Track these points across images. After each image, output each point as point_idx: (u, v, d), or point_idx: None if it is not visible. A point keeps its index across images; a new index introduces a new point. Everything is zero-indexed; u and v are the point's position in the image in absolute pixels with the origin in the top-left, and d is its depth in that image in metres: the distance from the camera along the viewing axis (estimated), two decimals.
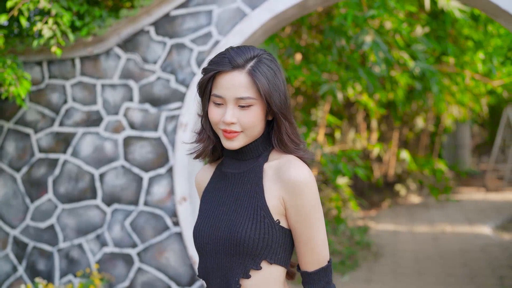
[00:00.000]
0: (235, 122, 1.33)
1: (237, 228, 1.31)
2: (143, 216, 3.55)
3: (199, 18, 3.44)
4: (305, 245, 1.34)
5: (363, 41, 4.36)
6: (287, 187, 1.32)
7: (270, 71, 1.35)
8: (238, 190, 1.37)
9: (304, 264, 1.35)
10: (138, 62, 3.57)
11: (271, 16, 3.26)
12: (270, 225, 1.32)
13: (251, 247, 1.30)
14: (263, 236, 1.31)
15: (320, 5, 3.41)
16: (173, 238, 3.48)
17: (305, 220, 1.32)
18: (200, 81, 1.40)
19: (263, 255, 1.32)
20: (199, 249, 1.39)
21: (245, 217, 1.32)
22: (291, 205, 1.32)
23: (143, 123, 3.56)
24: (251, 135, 1.37)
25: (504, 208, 9.25)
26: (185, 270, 3.46)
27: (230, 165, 1.42)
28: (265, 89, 1.32)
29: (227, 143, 1.36)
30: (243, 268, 1.32)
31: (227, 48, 1.39)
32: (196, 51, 3.44)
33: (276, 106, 1.34)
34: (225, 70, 1.33)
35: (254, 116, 1.34)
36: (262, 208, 1.32)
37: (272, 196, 1.34)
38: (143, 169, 3.55)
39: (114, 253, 3.60)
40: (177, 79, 3.48)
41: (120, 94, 3.61)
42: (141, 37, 3.57)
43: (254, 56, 1.35)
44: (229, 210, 1.36)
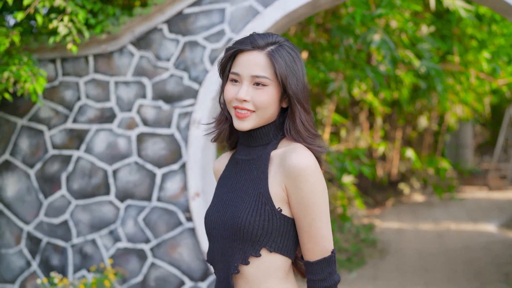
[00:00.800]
0: (248, 100, 1.34)
1: (238, 214, 1.33)
2: (156, 212, 3.60)
3: (212, 16, 3.49)
4: (306, 233, 1.32)
5: (372, 39, 4.40)
6: (288, 172, 1.31)
7: (289, 56, 1.36)
8: (245, 176, 1.39)
9: (305, 253, 1.33)
10: (151, 60, 3.62)
11: (283, 14, 3.30)
12: (271, 212, 1.32)
13: (250, 233, 1.30)
14: (262, 223, 1.31)
15: (331, 3, 3.46)
16: (186, 234, 3.52)
17: (305, 207, 1.31)
18: (220, 60, 1.43)
19: (263, 242, 1.31)
20: (208, 234, 1.42)
21: (247, 203, 1.33)
22: (292, 191, 1.31)
23: (156, 119, 3.61)
24: (263, 117, 1.37)
25: (507, 206, 9.29)
26: (198, 265, 3.50)
27: (242, 151, 1.44)
28: (281, 71, 1.34)
29: (238, 123, 1.37)
30: (243, 254, 1.32)
31: (252, 32, 1.42)
32: (209, 49, 3.49)
33: (291, 90, 1.35)
34: (245, 49, 1.36)
35: (267, 96, 1.35)
36: (264, 195, 1.33)
37: (275, 183, 1.33)
38: (156, 165, 3.60)
39: (127, 248, 3.65)
40: (190, 76, 3.53)
41: (133, 91, 3.66)
42: (154, 34, 3.62)
43: (275, 42, 1.38)
44: (234, 196, 1.37)
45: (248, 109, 1.35)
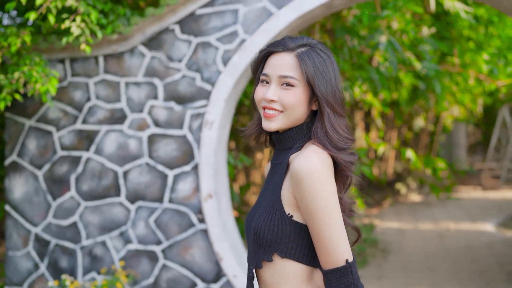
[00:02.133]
0: (275, 100, 1.35)
1: (255, 219, 1.37)
2: (167, 213, 3.58)
3: (224, 17, 3.48)
4: (316, 240, 1.28)
5: (379, 41, 4.42)
6: (293, 177, 1.29)
7: (319, 58, 1.36)
8: (271, 181, 1.42)
9: (320, 261, 1.30)
10: (162, 60, 3.60)
11: (298, 15, 3.30)
12: (281, 218, 1.31)
13: (261, 238, 1.32)
14: (272, 229, 1.31)
15: (346, 5, 3.47)
16: (199, 235, 3.51)
17: (312, 213, 1.27)
18: (252, 63, 1.46)
19: (274, 248, 1.31)
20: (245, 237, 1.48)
21: (263, 208, 1.36)
22: (298, 196, 1.29)
23: (168, 121, 3.59)
24: (291, 118, 1.36)
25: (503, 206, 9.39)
26: (211, 267, 3.49)
27: (275, 155, 1.46)
28: (308, 71, 1.33)
29: (265, 123, 1.37)
30: (257, 258, 1.35)
31: (284, 36, 1.44)
32: (222, 50, 3.47)
33: (320, 91, 1.33)
34: (276, 51, 1.38)
35: (295, 96, 1.34)
36: (276, 200, 1.34)
37: (286, 188, 1.33)
38: (168, 167, 3.58)
39: (138, 250, 3.63)
40: (203, 77, 3.52)
41: (145, 92, 3.64)
42: (166, 35, 3.60)
43: (307, 44, 1.38)
44: (260, 200, 1.43)
45: (276, 109, 1.36)
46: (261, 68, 1.42)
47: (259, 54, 1.43)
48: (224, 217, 3.56)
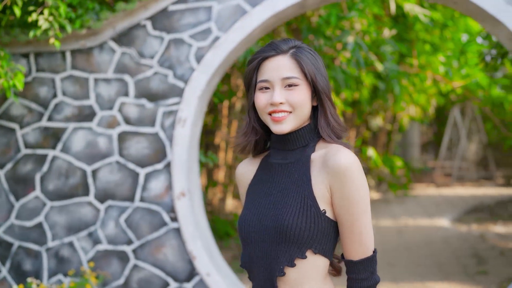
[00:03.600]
0: (283, 102, 1.37)
1: (284, 217, 1.32)
2: (138, 212, 3.51)
3: (198, 14, 3.45)
4: (350, 232, 1.32)
5: (346, 41, 4.51)
6: (334, 172, 1.31)
7: (310, 55, 1.41)
8: (285, 179, 1.39)
9: (348, 252, 1.34)
10: (134, 57, 3.53)
11: (271, 14, 3.32)
12: (316, 214, 1.32)
13: (297, 236, 1.31)
14: (309, 225, 1.31)
15: (318, 4, 3.51)
16: (171, 234, 3.47)
17: (350, 207, 1.31)
18: (245, 73, 1.44)
19: (308, 244, 1.32)
20: (245, 239, 1.40)
21: (292, 206, 1.34)
22: (337, 190, 1.32)
23: (139, 118, 3.52)
24: (300, 117, 1.39)
25: (456, 202, 9.80)
26: (184, 266, 3.46)
27: (277, 155, 1.44)
28: (309, 69, 1.38)
29: (276, 126, 1.38)
30: (289, 256, 1.32)
31: (270, 41, 1.45)
32: (195, 47, 3.44)
33: (320, 86, 1.39)
34: (269, 56, 1.39)
35: (301, 94, 1.37)
36: (309, 197, 1.33)
37: (319, 184, 1.34)
38: (139, 165, 3.51)
39: (108, 250, 3.54)
40: (175, 74, 3.47)
41: (115, 88, 3.55)
42: (137, 31, 3.53)
43: (295, 45, 1.42)
44: (275, 199, 1.37)
45: (285, 110, 1.37)
46: (255, 76, 1.42)
47: (251, 63, 1.42)
48: (197, 215, 3.53)
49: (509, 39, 3.17)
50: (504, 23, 3.07)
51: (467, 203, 9.48)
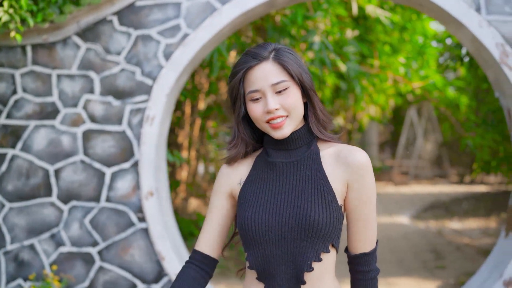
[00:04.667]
0: (278, 108, 1.38)
1: (309, 213, 1.33)
2: (104, 213, 3.42)
3: (167, 10, 3.38)
4: (365, 225, 1.38)
5: (313, 41, 4.55)
6: (353, 169, 1.37)
7: (292, 56, 1.42)
8: (296, 177, 1.39)
9: (362, 245, 1.39)
10: (99, 53, 3.42)
11: (241, 12, 3.30)
12: (337, 209, 1.36)
13: (323, 231, 1.33)
14: (332, 220, 1.34)
15: (286, 4, 3.52)
16: (139, 235, 3.39)
17: (368, 200, 1.38)
18: (230, 86, 1.43)
19: (330, 238, 1.35)
20: (255, 239, 1.36)
21: (314, 201, 1.35)
22: (356, 186, 1.37)
23: (105, 116, 3.42)
24: (296, 118, 1.40)
25: (414, 199, 10.09)
26: (152, 267, 3.39)
27: (279, 155, 1.44)
28: (295, 69, 1.40)
29: (277, 133, 1.39)
30: (315, 251, 1.34)
31: (246, 50, 1.45)
32: (164, 44, 3.38)
33: (307, 83, 1.41)
34: (253, 65, 1.39)
35: (293, 97, 1.39)
36: (329, 193, 1.36)
37: (336, 180, 1.38)
38: (105, 164, 3.42)
39: (71, 252, 3.43)
40: (143, 71, 3.40)
41: (79, 85, 3.44)
42: (103, 26, 3.43)
43: (274, 48, 1.42)
44: (290, 197, 1.37)
45: (282, 115, 1.38)
46: (242, 89, 1.41)
47: (234, 77, 1.41)
48: (165, 215, 3.47)
49: (471, 42, 3.28)
50: (467, 26, 3.17)
51: (424, 200, 9.77)
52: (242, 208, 1.41)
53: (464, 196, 10.23)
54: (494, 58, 3.14)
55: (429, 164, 14.90)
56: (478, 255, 6.07)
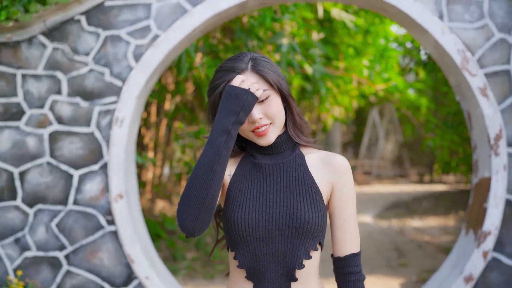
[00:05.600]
0: (262, 117, 1.42)
1: (299, 212, 1.38)
2: (72, 216, 3.35)
3: (136, 11, 3.35)
4: (348, 226, 1.43)
5: (281, 43, 4.60)
6: (337, 171, 1.45)
7: (268, 64, 1.46)
8: (284, 178, 1.44)
9: (350, 246, 1.43)
10: (67, 53, 3.36)
11: (213, 13, 3.31)
12: (323, 209, 1.42)
13: (313, 229, 1.38)
14: (321, 219, 1.39)
15: (258, 6, 3.55)
16: (107, 238, 3.34)
17: (351, 201, 1.45)
18: (210, 101, 1.45)
19: (319, 237, 1.40)
20: (245, 238, 1.39)
21: (303, 201, 1.40)
22: (341, 187, 1.44)
23: (73, 117, 3.36)
24: (279, 124, 1.44)
25: (377, 199, 10.33)
26: (121, 270, 3.35)
27: (263, 157, 1.48)
28: (273, 78, 1.44)
29: (262, 140, 1.43)
30: (305, 249, 1.39)
31: (219, 65, 1.47)
32: (134, 45, 3.35)
33: (285, 90, 1.46)
34: (232, 78, 1.41)
35: (275, 104, 1.43)
36: (316, 193, 1.42)
37: (321, 182, 1.44)
38: (73, 166, 3.35)
39: (37, 257, 3.35)
40: (112, 72, 3.35)
41: (46, 86, 3.36)
42: (70, 26, 3.36)
43: (250, 58, 1.46)
44: (279, 197, 1.41)
45: (266, 124, 1.42)
46: None
47: (214, 90, 1.43)
48: (135, 217, 3.43)
49: (434, 47, 3.41)
50: (430, 32, 3.29)
51: (386, 200, 10.02)
52: (231, 208, 1.42)
53: (424, 195, 10.55)
54: (456, 64, 3.27)
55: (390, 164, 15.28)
56: (438, 253, 6.29)
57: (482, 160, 3.38)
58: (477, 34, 3.26)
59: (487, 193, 3.26)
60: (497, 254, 3.21)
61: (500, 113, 3.22)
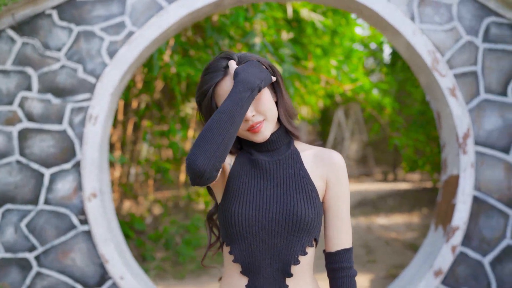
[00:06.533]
0: (254, 114, 1.42)
1: (295, 208, 1.39)
2: (43, 216, 3.26)
3: (111, 6, 3.29)
4: (341, 221, 1.45)
5: (254, 42, 4.62)
6: (332, 167, 1.46)
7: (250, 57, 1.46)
8: (280, 175, 1.45)
9: (342, 241, 1.44)
10: (38, 48, 3.27)
11: (188, 11, 3.29)
12: (319, 205, 1.43)
13: (309, 225, 1.39)
14: (317, 215, 1.41)
15: (233, 5, 3.55)
16: (80, 238, 3.27)
17: (345, 197, 1.47)
18: (204, 106, 1.45)
19: (314, 233, 1.41)
20: (241, 233, 1.40)
21: (299, 198, 1.41)
22: (335, 183, 1.46)
23: (44, 114, 3.27)
24: (272, 119, 1.45)
25: None
26: (94, 270, 3.28)
27: (261, 154, 1.49)
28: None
29: (257, 137, 1.44)
30: (301, 245, 1.39)
31: (205, 68, 1.48)
32: (108, 41, 3.29)
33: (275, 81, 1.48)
34: (219, 80, 1.42)
35: (265, 99, 1.43)
36: (312, 190, 1.43)
37: (317, 178, 1.45)
38: (44, 165, 3.27)
39: (5, 259, 3.24)
40: (85, 69, 3.28)
41: (15, 82, 3.26)
42: (41, 20, 3.27)
43: (236, 56, 1.46)
44: (276, 193, 1.42)
45: (259, 120, 1.42)
46: (215, 105, 1.44)
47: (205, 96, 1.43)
48: (109, 217, 3.37)
49: (406, 48, 3.50)
50: (402, 33, 3.38)
51: (353, 198, 10.20)
52: (227, 203, 1.43)
53: (388, 194, 10.80)
54: (426, 64, 3.37)
55: (356, 164, 15.57)
56: (405, 249, 6.46)
57: (451, 158, 3.50)
58: (446, 36, 3.37)
59: (455, 190, 3.37)
60: (465, 248, 3.33)
61: (468, 112, 3.34)
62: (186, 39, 5.64)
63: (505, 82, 3.34)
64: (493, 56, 3.35)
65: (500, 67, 3.34)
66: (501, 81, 3.34)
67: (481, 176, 3.31)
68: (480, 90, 3.34)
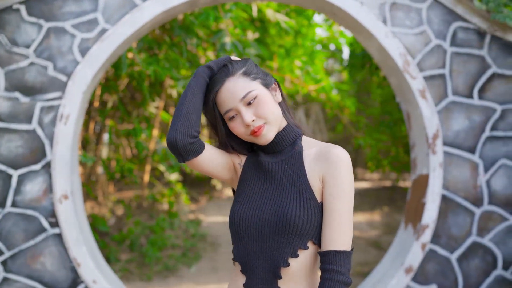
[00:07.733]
0: (254, 119, 1.43)
1: (285, 210, 1.38)
2: (10, 219, 3.13)
3: (82, 3, 3.20)
4: (337, 223, 1.37)
5: (224, 42, 4.60)
6: (329, 163, 1.40)
7: (245, 63, 1.49)
8: (280, 176, 1.46)
9: (331, 242, 1.36)
10: (4, 44, 3.13)
11: (163, 9, 3.24)
12: (315, 206, 1.40)
13: (299, 228, 1.37)
14: (310, 217, 1.39)
15: (209, 4, 3.53)
16: (51, 241, 3.16)
17: (341, 196, 1.38)
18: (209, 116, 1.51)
19: (309, 235, 1.39)
20: (239, 233, 1.43)
21: (291, 199, 1.40)
22: (330, 180, 1.39)
23: (11, 113, 3.14)
24: (275, 121, 1.46)
25: None
26: (66, 274, 3.18)
27: (267, 156, 1.51)
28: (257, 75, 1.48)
29: (260, 140, 1.46)
30: (291, 248, 1.39)
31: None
32: (79, 38, 3.19)
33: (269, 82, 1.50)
34: (218, 88, 1.46)
35: (265, 103, 1.44)
36: (306, 190, 1.41)
37: (314, 177, 1.43)
38: (11, 166, 3.13)
39: None
40: (56, 66, 3.17)
41: None
42: (8, 15, 3.13)
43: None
44: (273, 195, 1.43)
45: (260, 124, 1.43)
46: (217, 111, 1.48)
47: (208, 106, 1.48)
48: (80, 219, 3.28)
49: (378, 51, 3.58)
50: (375, 36, 3.46)
51: None
52: (234, 203, 1.48)
53: None
54: (398, 66, 3.47)
55: None
56: (368, 246, 6.61)
57: (420, 158, 3.61)
58: (416, 39, 3.47)
59: (425, 189, 3.48)
60: (434, 245, 3.45)
61: (437, 114, 3.46)
62: (153, 37, 5.55)
63: (471, 84, 3.48)
64: (460, 59, 3.48)
65: (467, 70, 3.48)
66: (467, 83, 3.48)
67: (449, 175, 3.43)
68: (448, 92, 3.46)
